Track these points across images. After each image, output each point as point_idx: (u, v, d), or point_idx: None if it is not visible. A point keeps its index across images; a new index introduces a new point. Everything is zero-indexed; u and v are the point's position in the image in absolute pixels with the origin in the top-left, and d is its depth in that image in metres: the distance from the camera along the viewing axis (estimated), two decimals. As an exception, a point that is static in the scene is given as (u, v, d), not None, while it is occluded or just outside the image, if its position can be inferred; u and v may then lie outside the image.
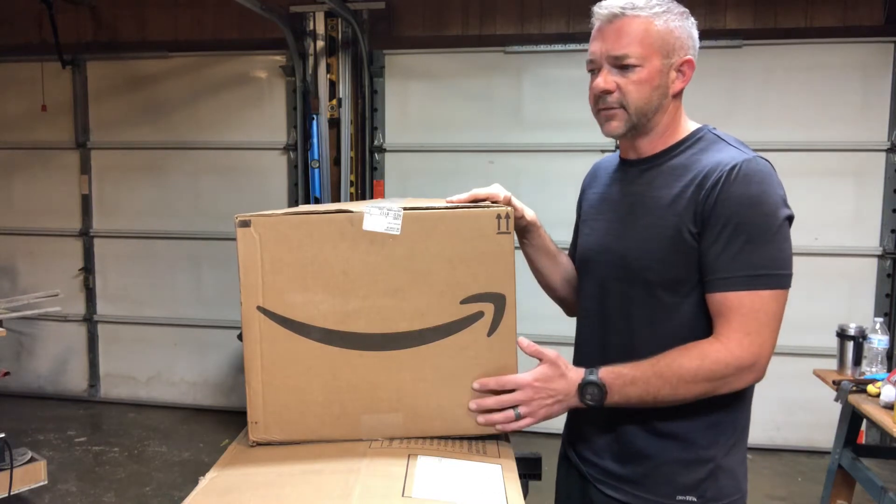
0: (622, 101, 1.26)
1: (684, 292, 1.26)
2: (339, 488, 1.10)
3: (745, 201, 1.19)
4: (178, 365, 5.12)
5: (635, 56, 1.23)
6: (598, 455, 1.39)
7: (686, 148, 1.31)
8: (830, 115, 4.21)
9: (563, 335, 4.01)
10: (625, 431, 1.34)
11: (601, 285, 1.38)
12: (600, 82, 1.27)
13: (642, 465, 1.32)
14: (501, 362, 1.29)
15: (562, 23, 4.44)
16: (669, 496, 1.29)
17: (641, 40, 1.23)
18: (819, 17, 4.22)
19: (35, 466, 3.30)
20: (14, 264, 5.28)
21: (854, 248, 4.25)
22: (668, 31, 1.25)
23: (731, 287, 1.19)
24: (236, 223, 1.25)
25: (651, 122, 1.30)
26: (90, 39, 5.02)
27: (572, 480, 1.48)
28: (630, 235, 1.32)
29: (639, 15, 1.24)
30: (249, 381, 1.28)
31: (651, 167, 1.33)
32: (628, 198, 1.35)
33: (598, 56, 1.27)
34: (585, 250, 1.45)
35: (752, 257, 1.18)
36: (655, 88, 1.26)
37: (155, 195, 5.04)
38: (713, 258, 1.21)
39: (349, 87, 4.53)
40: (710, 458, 1.29)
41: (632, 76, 1.25)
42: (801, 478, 3.87)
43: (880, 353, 2.80)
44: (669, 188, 1.28)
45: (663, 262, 1.26)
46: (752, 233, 1.18)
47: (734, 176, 1.19)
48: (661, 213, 1.27)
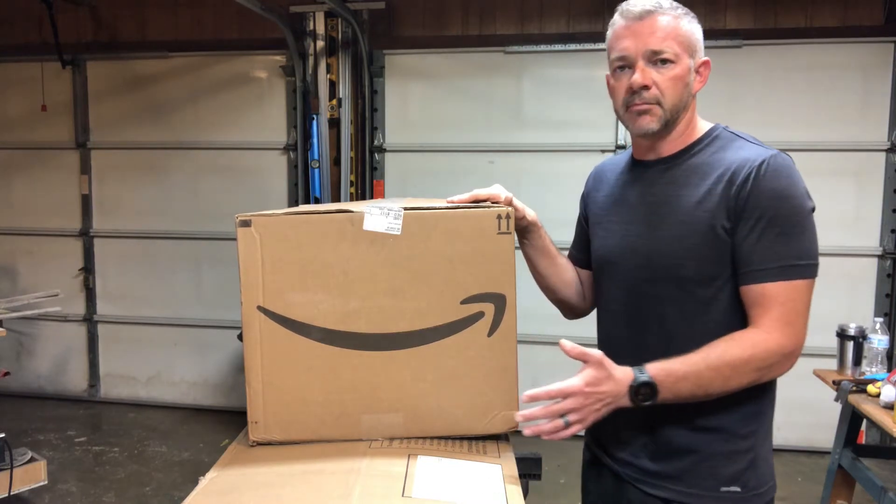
0: (659, 97, 1.27)
1: (718, 285, 1.28)
2: (339, 488, 1.10)
3: (776, 195, 1.22)
4: (178, 365, 5.12)
5: (672, 52, 1.26)
6: (635, 455, 1.38)
7: (704, 146, 1.33)
8: (830, 115, 4.21)
9: (564, 335, 4.02)
10: (662, 429, 1.34)
11: (628, 287, 1.38)
12: (638, 78, 1.26)
13: (683, 461, 1.32)
14: (502, 362, 1.29)
15: (562, 23, 4.44)
16: (713, 489, 1.30)
17: (676, 37, 1.26)
18: (819, 17, 4.22)
19: (35, 466, 3.30)
20: (14, 264, 5.28)
21: (854, 248, 4.25)
22: (691, 32, 1.29)
23: (769, 278, 1.22)
24: (236, 223, 1.25)
25: (678, 119, 1.32)
26: (90, 39, 5.02)
27: (606, 483, 1.47)
28: (658, 235, 1.32)
29: (667, 13, 1.27)
30: (249, 381, 1.28)
31: (671, 167, 1.34)
32: (649, 198, 1.36)
33: (633, 52, 1.27)
34: (605, 253, 1.44)
35: (786, 248, 1.22)
36: (686, 86, 1.29)
37: (155, 195, 5.04)
38: (749, 251, 1.23)
39: (349, 87, 4.53)
40: (750, 448, 1.31)
41: (667, 72, 1.26)
42: (801, 478, 3.87)
43: (880, 353, 2.80)
44: (697, 187, 1.29)
45: (698, 259, 1.27)
46: (785, 225, 1.22)
47: (763, 171, 1.22)
48: (691, 211, 1.28)
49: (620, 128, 4.24)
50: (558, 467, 3.51)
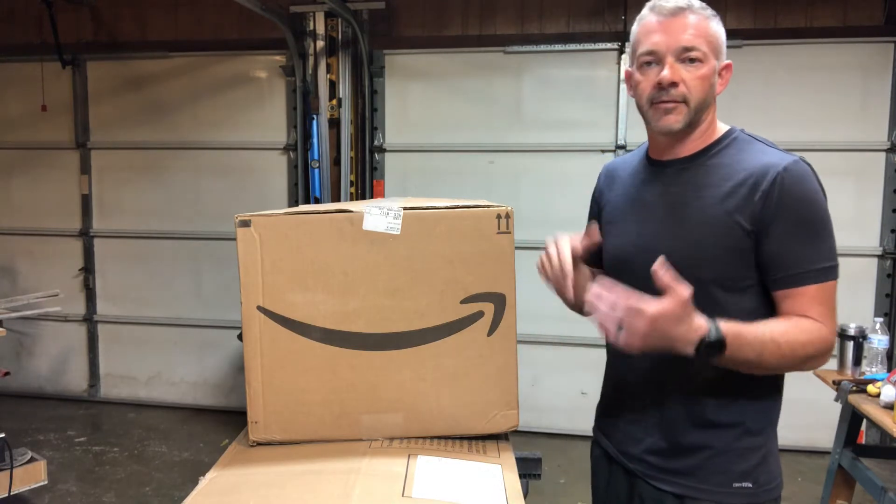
0: (686, 95, 1.27)
1: (739, 289, 1.28)
2: (339, 488, 1.09)
3: (804, 200, 1.24)
4: (178, 365, 5.12)
5: (701, 51, 1.26)
6: (646, 450, 1.38)
7: (722, 148, 1.33)
8: (830, 115, 4.21)
9: (563, 335, 4.02)
10: (675, 425, 1.34)
11: (642, 287, 1.35)
12: (667, 74, 1.25)
13: (696, 457, 1.32)
14: (501, 362, 1.29)
15: (562, 23, 4.44)
16: (726, 484, 1.31)
17: (706, 36, 1.26)
18: (819, 17, 4.22)
19: (35, 466, 3.30)
20: (14, 264, 5.28)
21: (854, 248, 4.25)
22: (718, 34, 1.29)
23: (807, 281, 1.23)
24: (236, 223, 1.25)
25: (700, 119, 1.31)
26: (90, 39, 5.02)
27: (617, 478, 1.47)
28: (676, 235, 1.31)
29: (698, 13, 1.27)
30: (249, 381, 1.28)
31: (689, 167, 1.34)
32: (667, 198, 1.35)
33: (663, 48, 1.26)
34: (619, 252, 1.43)
35: (817, 252, 1.24)
36: (711, 87, 1.29)
37: (155, 195, 5.04)
38: (784, 256, 1.24)
39: (349, 87, 4.53)
40: (762, 444, 1.32)
41: (696, 71, 1.26)
42: (801, 478, 3.87)
43: (880, 353, 2.80)
44: (717, 187, 1.28)
45: (718, 260, 1.27)
46: (814, 229, 1.25)
47: (789, 177, 1.24)
48: (711, 213, 1.28)
49: (620, 128, 4.25)
50: (558, 467, 3.49)
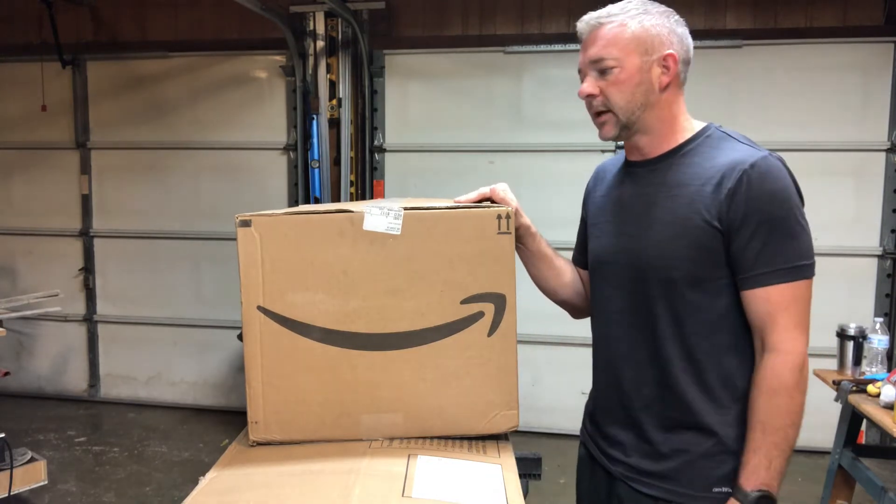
0: (606, 103, 1.32)
1: (710, 290, 1.28)
2: (338, 488, 1.09)
3: (772, 198, 1.22)
4: (178, 365, 5.12)
5: (611, 58, 1.29)
6: (626, 453, 1.39)
7: (695, 147, 1.32)
8: (830, 115, 4.20)
9: (564, 335, 4.02)
10: (655, 428, 1.34)
11: (619, 286, 1.38)
12: (584, 87, 1.35)
13: (674, 461, 1.32)
14: (501, 362, 1.29)
15: (562, 23, 4.44)
16: (706, 489, 1.30)
17: (616, 42, 1.29)
18: (819, 17, 4.22)
19: (35, 466, 3.30)
20: (14, 264, 5.28)
21: (854, 248, 4.25)
22: (644, 30, 1.29)
23: (774, 280, 1.22)
24: (236, 223, 1.25)
25: (642, 119, 1.32)
26: (90, 39, 5.02)
27: (598, 479, 1.47)
28: (647, 235, 1.32)
29: (613, 20, 1.31)
30: (249, 381, 1.28)
31: (659, 167, 1.34)
32: (640, 198, 1.36)
33: (582, 66, 1.36)
34: (598, 253, 1.45)
35: (786, 251, 1.22)
36: (638, 85, 1.30)
37: (155, 195, 5.03)
38: (749, 255, 1.23)
39: (349, 87, 4.53)
40: (740, 450, 1.30)
41: (611, 78, 1.30)
42: (801, 478, 3.86)
43: (880, 353, 2.80)
44: (687, 186, 1.29)
45: (686, 260, 1.27)
46: (783, 227, 1.22)
47: (756, 174, 1.22)
48: (680, 212, 1.28)
49: (620, 128, 4.24)
50: (558, 467, 3.49)
